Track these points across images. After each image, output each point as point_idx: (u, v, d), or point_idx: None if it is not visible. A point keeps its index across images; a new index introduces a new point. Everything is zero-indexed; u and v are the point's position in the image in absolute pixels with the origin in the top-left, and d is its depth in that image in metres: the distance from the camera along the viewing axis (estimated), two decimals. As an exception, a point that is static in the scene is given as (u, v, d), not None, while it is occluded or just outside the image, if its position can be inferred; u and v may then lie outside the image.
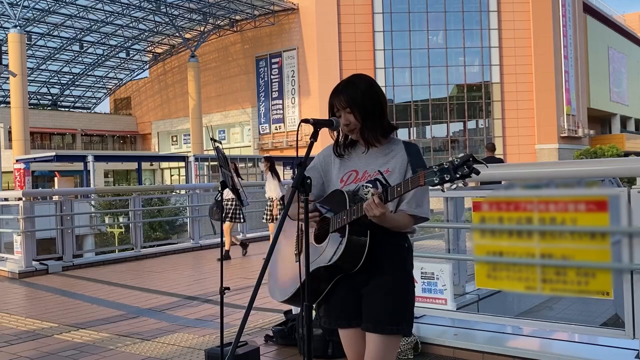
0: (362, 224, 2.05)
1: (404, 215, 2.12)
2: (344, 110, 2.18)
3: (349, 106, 2.17)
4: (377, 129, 2.19)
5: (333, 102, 2.21)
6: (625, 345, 3.42)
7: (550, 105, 41.00)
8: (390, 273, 2.14)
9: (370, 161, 2.20)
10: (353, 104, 2.16)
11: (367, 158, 2.21)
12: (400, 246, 2.19)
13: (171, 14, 41.00)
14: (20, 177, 24.68)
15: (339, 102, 2.18)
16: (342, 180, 2.22)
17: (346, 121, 2.18)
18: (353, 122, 2.17)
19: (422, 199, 2.12)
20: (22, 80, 31.59)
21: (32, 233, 8.43)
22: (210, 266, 8.62)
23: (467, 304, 4.55)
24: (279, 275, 2.38)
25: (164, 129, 51.85)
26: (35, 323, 5.28)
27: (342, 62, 40.09)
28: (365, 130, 2.18)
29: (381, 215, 1.96)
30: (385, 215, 1.97)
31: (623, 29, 59.33)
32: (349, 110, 2.17)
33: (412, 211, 2.12)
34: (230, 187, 3.87)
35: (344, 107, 2.17)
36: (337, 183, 2.23)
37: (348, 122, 2.18)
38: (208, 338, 4.51)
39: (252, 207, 12.82)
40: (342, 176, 2.23)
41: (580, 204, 3.26)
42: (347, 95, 2.18)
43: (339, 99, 2.18)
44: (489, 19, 41.49)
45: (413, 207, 2.11)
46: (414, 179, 1.87)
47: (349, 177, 2.21)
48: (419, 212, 2.12)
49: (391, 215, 2.07)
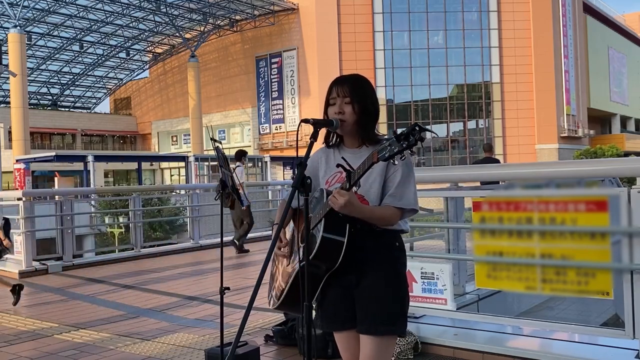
0: (339, 221, 2.02)
1: (387, 207, 2.09)
2: (342, 98, 2.17)
3: (350, 96, 2.16)
4: (370, 129, 2.20)
5: (333, 88, 2.20)
6: (625, 345, 3.42)
7: (550, 105, 41.00)
8: (381, 273, 2.12)
9: (354, 161, 2.15)
10: (354, 96, 2.16)
11: (352, 158, 2.17)
12: (391, 245, 2.17)
13: (171, 14, 41.01)
14: (20, 177, 24.68)
15: (342, 90, 2.17)
16: (328, 182, 2.23)
17: (340, 110, 2.16)
18: (348, 113, 2.16)
19: (405, 190, 2.09)
20: (22, 80, 31.60)
21: (32, 233, 8.43)
22: (210, 266, 8.61)
23: (467, 304, 4.55)
24: (275, 282, 2.36)
25: (164, 129, 51.86)
26: (35, 323, 5.28)
27: (342, 62, 40.09)
28: (362, 127, 2.18)
29: (347, 204, 1.93)
30: (353, 204, 1.94)
31: (623, 29, 59.32)
32: (348, 101, 2.16)
33: (396, 203, 2.09)
34: (230, 187, 3.87)
35: (344, 96, 2.16)
36: (324, 185, 2.24)
37: (342, 111, 2.16)
38: (208, 338, 4.51)
39: (251, 207, 12.80)
40: (328, 177, 2.24)
41: (580, 204, 3.26)
42: (351, 86, 2.17)
43: (343, 87, 2.18)
44: (489, 19, 41.50)
45: (397, 199, 2.09)
46: (369, 157, 1.87)
47: (334, 178, 2.21)
48: (402, 204, 2.09)
49: (368, 207, 2.05)
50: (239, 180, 8.55)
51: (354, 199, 1.96)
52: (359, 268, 2.12)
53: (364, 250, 2.11)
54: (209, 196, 12.56)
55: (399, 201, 2.09)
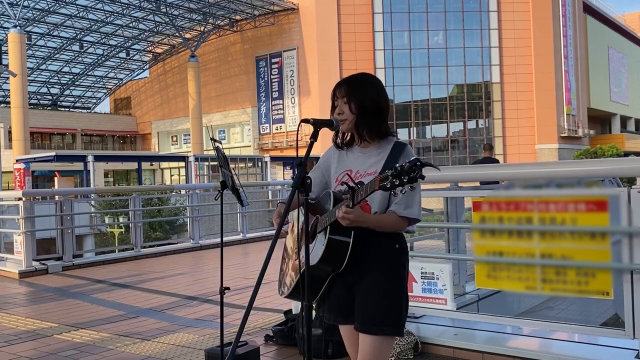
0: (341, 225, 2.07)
1: (393, 216, 2.13)
2: (341, 99, 2.23)
3: (347, 96, 2.21)
4: (372, 126, 2.21)
5: (335, 90, 2.26)
6: (625, 345, 3.42)
7: (550, 105, 41.00)
8: (381, 274, 2.16)
9: (362, 161, 2.24)
10: (352, 95, 2.20)
11: (361, 158, 2.25)
12: (391, 247, 2.20)
13: (171, 14, 41.00)
14: (20, 177, 24.69)
15: (339, 91, 2.24)
16: (337, 180, 2.27)
17: (340, 111, 2.23)
18: (347, 112, 2.21)
19: (411, 201, 2.13)
20: (22, 80, 31.59)
21: (32, 233, 8.43)
22: (210, 266, 8.62)
23: (467, 304, 4.55)
24: (284, 270, 2.43)
25: (164, 129, 51.85)
26: (35, 323, 5.28)
27: (342, 62, 40.09)
28: (360, 125, 2.21)
29: (354, 221, 1.98)
30: (359, 219, 2.00)
31: (623, 28, 59.33)
32: (345, 101, 2.21)
33: (401, 212, 2.12)
34: (230, 187, 3.87)
35: (342, 97, 2.22)
36: (333, 182, 2.29)
37: (342, 112, 2.22)
38: (208, 338, 4.51)
39: (251, 207, 12.83)
40: (338, 175, 2.28)
41: (580, 204, 3.26)
42: (348, 86, 2.23)
43: (340, 88, 2.24)
44: (489, 19, 41.50)
45: (402, 208, 2.12)
46: (372, 183, 1.88)
47: (343, 177, 2.24)
48: (407, 213, 2.13)
49: (373, 217, 2.09)
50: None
51: (359, 215, 2.01)
52: (360, 268, 2.16)
53: (365, 251, 2.15)
54: (209, 196, 12.56)
55: (403, 210, 2.12)
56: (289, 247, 2.43)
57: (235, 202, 4.00)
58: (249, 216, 12.34)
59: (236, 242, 10.99)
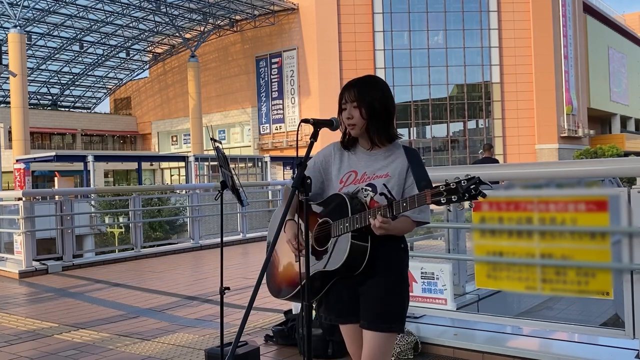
0: (362, 231, 2.10)
1: (407, 220, 2.15)
2: (351, 103, 2.19)
3: (357, 100, 2.18)
4: (382, 131, 2.21)
5: (343, 93, 2.23)
6: (625, 345, 3.42)
7: (550, 105, 41.01)
8: (386, 273, 2.19)
9: (370, 163, 2.22)
10: (362, 100, 2.17)
11: (367, 160, 2.23)
12: (397, 247, 2.23)
13: (171, 14, 41.01)
14: (20, 177, 24.68)
15: (349, 95, 2.20)
16: (342, 181, 2.23)
17: (349, 115, 2.20)
18: (357, 117, 2.19)
19: (424, 205, 2.15)
20: (22, 80, 31.59)
21: (32, 233, 8.43)
22: (210, 266, 8.62)
23: (467, 304, 4.54)
24: (280, 273, 2.39)
25: (164, 129, 51.86)
26: (35, 323, 5.28)
27: (342, 62, 40.11)
28: (371, 130, 2.20)
29: (388, 230, 2.03)
30: (391, 228, 2.04)
31: (623, 28, 59.33)
32: (355, 105, 2.18)
33: (416, 217, 2.16)
34: (230, 188, 3.86)
35: (352, 101, 2.19)
36: (337, 183, 2.25)
37: (351, 116, 2.19)
38: (208, 338, 4.51)
39: (251, 207, 12.83)
40: (342, 177, 2.25)
41: (580, 204, 3.26)
42: (358, 90, 2.19)
43: (350, 92, 2.20)
44: (489, 19, 41.51)
45: (416, 213, 2.15)
46: (421, 197, 1.92)
47: (349, 178, 2.22)
48: (421, 218, 2.18)
49: (394, 225, 2.10)
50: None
51: (393, 225, 2.05)
52: (365, 268, 2.17)
53: (371, 251, 2.16)
54: (209, 196, 12.57)
55: (418, 214, 2.16)
56: (285, 250, 2.35)
57: (235, 202, 4.00)
58: (249, 216, 12.35)
59: (236, 242, 10.99)
